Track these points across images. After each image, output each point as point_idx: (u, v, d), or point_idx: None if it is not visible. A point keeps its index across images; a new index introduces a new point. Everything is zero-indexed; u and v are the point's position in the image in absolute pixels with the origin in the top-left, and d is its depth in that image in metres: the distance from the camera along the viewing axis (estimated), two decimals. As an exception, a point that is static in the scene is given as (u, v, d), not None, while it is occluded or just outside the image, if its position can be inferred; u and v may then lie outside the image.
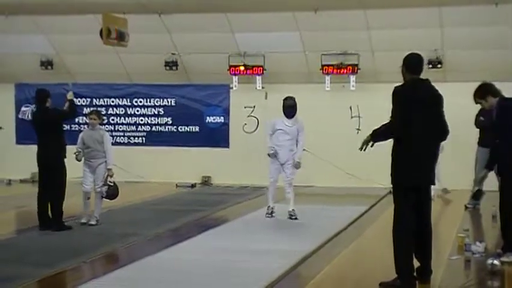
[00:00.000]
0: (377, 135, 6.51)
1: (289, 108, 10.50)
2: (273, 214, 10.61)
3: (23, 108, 16.58)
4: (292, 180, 10.59)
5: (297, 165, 10.49)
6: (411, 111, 6.33)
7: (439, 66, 13.95)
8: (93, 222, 10.09)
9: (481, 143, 11.59)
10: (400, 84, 6.57)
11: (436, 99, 6.53)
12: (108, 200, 10.27)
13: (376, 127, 6.55)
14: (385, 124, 6.50)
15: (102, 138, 10.19)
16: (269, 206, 10.66)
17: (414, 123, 6.32)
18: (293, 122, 10.50)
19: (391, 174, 6.49)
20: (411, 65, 6.58)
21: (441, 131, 6.52)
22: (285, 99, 10.65)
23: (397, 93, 6.45)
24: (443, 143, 6.73)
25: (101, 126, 10.50)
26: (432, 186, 6.78)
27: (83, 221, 10.12)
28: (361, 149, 6.54)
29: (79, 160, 10.24)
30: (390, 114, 6.46)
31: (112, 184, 10.08)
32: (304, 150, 10.72)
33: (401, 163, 6.40)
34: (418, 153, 6.37)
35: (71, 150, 10.14)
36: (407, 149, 6.35)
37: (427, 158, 6.46)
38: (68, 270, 7.37)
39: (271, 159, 10.54)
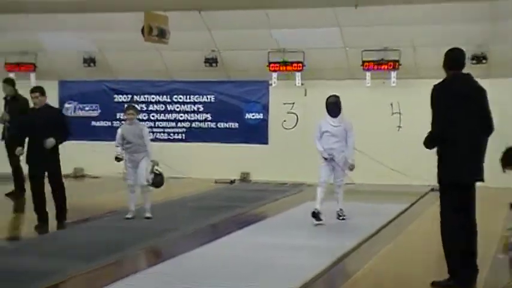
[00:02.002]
0: (428, 144, 6.44)
1: (332, 106, 10.04)
2: (320, 216, 9.88)
3: (66, 105, 16.83)
4: (342, 182, 10.22)
5: (351, 167, 10.07)
6: (451, 107, 6.23)
7: (483, 61, 13.72)
8: (149, 215, 10.24)
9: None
10: (439, 81, 6.47)
11: (477, 93, 6.38)
12: (154, 188, 10.32)
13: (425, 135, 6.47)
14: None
15: (142, 132, 10.27)
16: (316, 209, 9.90)
17: (455, 119, 6.22)
18: (339, 121, 10.04)
19: (437, 172, 6.42)
20: (450, 60, 6.50)
21: (485, 125, 6.36)
22: (328, 97, 10.23)
23: (435, 91, 6.37)
24: None
25: (138, 121, 10.55)
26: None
27: (128, 216, 10.21)
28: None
29: (120, 160, 10.26)
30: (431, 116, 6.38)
31: (158, 172, 10.17)
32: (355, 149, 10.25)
33: (444, 160, 6.31)
34: (460, 149, 6.26)
35: (108, 146, 10.20)
36: (450, 146, 6.26)
37: (471, 154, 6.32)
38: (109, 265, 7.46)
39: (324, 161, 9.98)
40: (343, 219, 10.20)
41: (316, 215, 9.79)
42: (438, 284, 6.46)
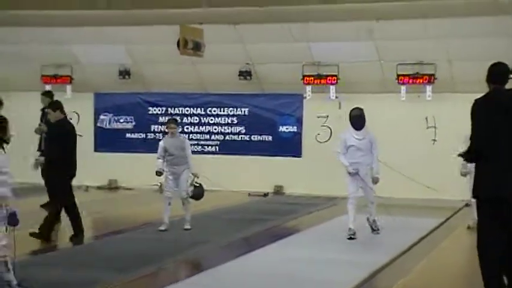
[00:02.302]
0: (467, 158, 6.43)
1: (356, 118, 9.89)
2: (355, 235, 9.71)
3: (102, 117, 17.04)
4: (373, 197, 10.08)
5: (375, 180, 9.94)
6: (492, 121, 6.16)
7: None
8: (188, 227, 10.36)
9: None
10: (478, 95, 6.40)
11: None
12: (193, 201, 10.43)
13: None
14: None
15: (184, 145, 10.41)
16: (350, 228, 9.73)
17: (495, 133, 6.14)
18: (363, 134, 9.90)
19: (474, 187, 6.31)
20: (494, 74, 6.41)
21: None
22: (352, 110, 10.10)
23: (476, 105, 6.29)
24: None
25: (180, 134, 10.68)
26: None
27: (162, 228, 10.24)
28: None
29: (160, 175, 10.36)
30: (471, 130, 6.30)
31: (198, 185, 10.29)
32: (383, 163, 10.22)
33: (487, 176, 6.19)
34: (501, 164, 6.17)
35: (149, 158, 10.28)
36: (489, 160, 6.17)
37: (510, 169, 6.27)
38: (142, 277, 7.51)
39: (350, 176, 9.88)
40: (377, 232, 10.10)
41: (352, 238, 9.70)
42: None
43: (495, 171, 6.18)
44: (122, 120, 16.95)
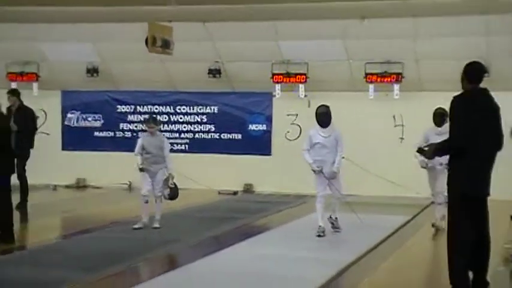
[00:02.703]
0: (437, 151, 6.46)
1: (322, 116, 9.91)
2: (325, 233, 9.83)
3: (69, 115, 16.89)
4: (340, 195, 10.14)
5: (332, 174, 9.87)
6: (472, 120, 6.22)
7: (485, 75, 13.70)
8: (157, 225, 10.31)
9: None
10: (458, 93, 6.42)
11: (496, 109, 6.44)
12: (169, 201, 10.49)
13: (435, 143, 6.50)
14: (446, 140, 6.45)
15: (163, 144, 10.38)
16: (320, 226, 9.82)
17: (476, 132, 6.22)
18: (329, 132, 9.93)
19: (449, 184, 6.38)
20: (470, 74, 6.47)
21: (498, 142, 6.41)
22: (318, 107, 10.13)
23: (455, 103, 6.32)
24: None
25: (160, 132, 10.60)
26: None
27: (139, 225, 10.23)
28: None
29: (143, 170, 10.32)
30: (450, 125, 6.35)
31: (173, 186, 10.29)
32: (343, 158, 10.17)
33: (464, 174, 6.26)
34: (480, 163, 6.27)
35: (117, 156, 10.24)
36: (469, 160, 6.23)
37: (488, 169, 6.36)
38: (111, 276, 7.47)
39: (315, 174, 9.94)
40: (337, 231, 10.15)
41: (321, 236, 9.77)
42: None
43: (476, 171, 6.27)
44: (90, 119, 16.81)
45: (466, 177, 6.27)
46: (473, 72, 6.50)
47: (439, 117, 10.51)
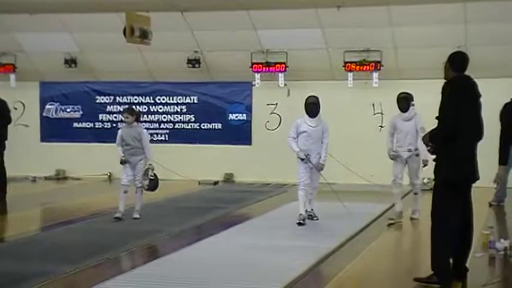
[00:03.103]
0: (432, 138, 6.45)
1: (312, 106, 9.96)
2: (305, 221, 9.90)
3: (48, 106, 16.75)
4: (318, 183, 10.24)
5: (320, 167, 9.98)
6: (463, 106, 6.30)
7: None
8: (137, 216, 10.33)
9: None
10: (452, 78, 6.45)
11: (478, 97, 6.54)
12: (150, 192, 10.49)
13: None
14: (437, 127, 6.43)
15: (140, 136, 10.36)
16: (301, 214, 9.89)
17: (467, 118, 6.30)
18: (316, 122, 9.99)
19: (436, 171, 6.41)
20: (457, 63, 6.57)
21: (480, 130, 6.52)
22: (308, 97, 10.18)
23: (448, 90, 6.35)
24: None
25: (138, 124, 10.55)
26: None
27: (117, 215, 10.24)
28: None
29: (125, 163, 10.31)
30: (439, 111, 6.37)
31: (153, 177, 10.30)
32: (329, 154, 10.20)
33: (455, 159, 6.32)
34: (471, 148, 6.40)
35: (97, 148, 10.18)
36: (459, 146, 6.30)
37: (474, 155, 6.47)
38: (92, 267, 7.44)
39: (300, 162, 9.94)
40: (315, 220, 10.23)
41: (302, 224, 9.81)
42: (421, 280, 6.54)
43: (468, 156, 6.38)
44: (68, 110, 16.70)
45: (457, 163, 6.33)
46: (458, 61, 6.60)
47: (404, 102, 10.28)
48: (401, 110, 10.32)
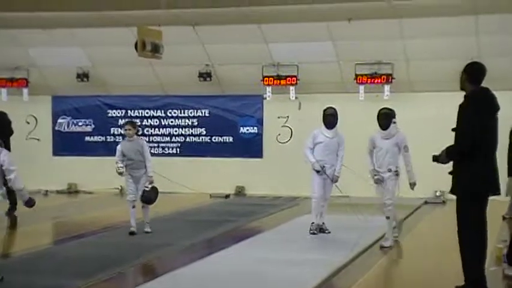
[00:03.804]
0: (449, 154, 6.36)
1: (330, 117, 10.01)
2: (318, 231, 10.01)
3: (60, 120, 16.83)
4: (329, 197, 10.23)
5: (335, 179, 10.02)
6: (483, 121, 6.24)
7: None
8: (148, 230, 10.30)
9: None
10: (470, 92, 6.37)
11: (497, 111, 6.45)
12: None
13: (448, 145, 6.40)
14: (455, 142, 6.34)
15: (143, 148, 10.26)
16: (313, 223, 10.03)
17: (488, 131, 6.28)
18: (333, 134, 10.03)
19: (460, 185, 6.35)
20: (476, 75, 6.44)
21: (497, 142, 6.48)
22: (326, 109, 10.21)
23: (469, 103, 6.29)
24: None
25: (138, 137, 10.48)
26: None
27: (132, 230, 10.21)
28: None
29: (122, 175, 10.26)
30: (457, 124, 6.31)
31: (148, 188, 10.11)
32: (343, 166, 10.24)
33: (479, 173, 6.28)
34: (492, 162, 6.36)
35: (109, 161, 10.16)
36: (482, 159, 6.27)
37: (496, 168, 6.43)
38: (104, 281, 7.43)
39: (315, 174, 9.94)
40: (328, 232, 10.19)
41: (314, 233, 9.86)
42: None
43: (491, 169, 6.34)
44: (80, 124, 16.76)
45: (481, 176, 6.28)
46: (475, 73, 6.46)
47: (384, 118, 9.51)
48: (381, 127, 9.53)
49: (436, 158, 6.54)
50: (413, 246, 9.68)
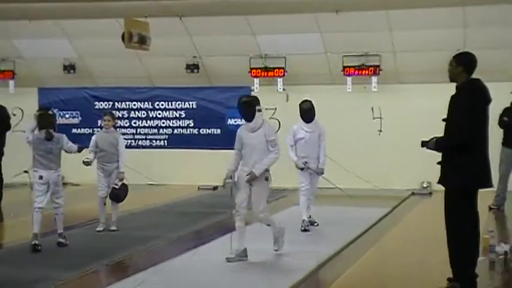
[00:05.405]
0: (439, 144, 6.26)
1: (307, 112, 9.88)
2: (308, 228, 9.82)
3: (46, 112, 16.71)
4: (315, 190, 10.18)
5: (320, 171, 9.96)
6: (478, 113, 6.16)
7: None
8: (114, 228, 9.95)
9: (505, 143, 11.55)
10: (465, 83, 6.24)
11: (489, 102, 6.34)
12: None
13: (437, 136, 6.31)
14: (448, 134, 6.27)
15: (117, 141, 9.95)
16: (304, 220, 9.84)
17: (482, 124, 6.21)
18: (313, 127, 9.92)
19: (451, 176, 6.25)
20: (471, 65, 6.32)
21: (487, 134, 6.40)
22: (301, 103, 10.02)
23: (462, 95, 6.20)
24: None
25: (115, 129, 10.23)
26: None
27: (99, 229, 9.93)
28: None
29: (88, 164, 9.90)
30: (449, 115, 6.23)
31: (117, 186, 9.80)
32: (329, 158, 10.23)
33: (474, 167, 6.19)
34: (486, 156, 6.27)
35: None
36: (478, 152, 6.19)
37: (489, 161, 6.34)
38: (92, 273, 7.43)
39: (302, 171, 9.89)
40: (316, 224, 10.15)
41: (306, 230, 9.78)
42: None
43: (486, 163, 6.25)
44: (67, 116, 16.67)
45: (477, 170, 6.18)
46: (472, 63, 6.34)
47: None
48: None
49: (425, 144, 6.42)
50: (400, 238, 9.73)
